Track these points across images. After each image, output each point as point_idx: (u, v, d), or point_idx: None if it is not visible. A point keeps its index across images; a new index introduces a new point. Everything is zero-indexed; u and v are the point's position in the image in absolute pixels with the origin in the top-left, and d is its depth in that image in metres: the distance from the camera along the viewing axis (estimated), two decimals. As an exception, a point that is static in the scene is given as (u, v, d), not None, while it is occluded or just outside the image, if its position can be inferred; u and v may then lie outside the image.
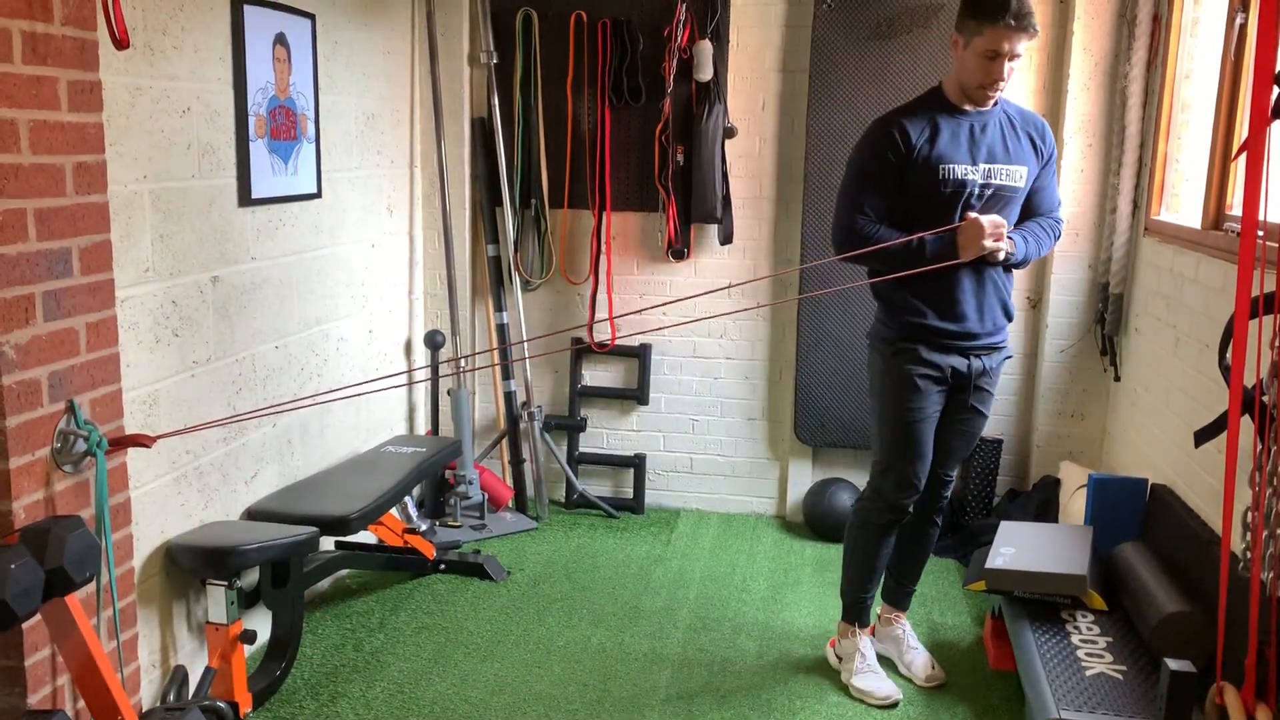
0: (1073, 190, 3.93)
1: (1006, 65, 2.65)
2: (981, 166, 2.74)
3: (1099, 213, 3.91)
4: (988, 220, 2.71)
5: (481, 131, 4.30)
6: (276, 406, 3.14)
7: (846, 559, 3.08)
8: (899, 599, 3.19)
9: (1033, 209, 2.88)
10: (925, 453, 2.88)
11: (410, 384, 4.28)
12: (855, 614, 3.09)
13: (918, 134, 2.73)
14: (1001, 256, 2.74)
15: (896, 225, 2.78)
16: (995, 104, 2.78)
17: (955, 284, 2.76)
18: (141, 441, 2.29)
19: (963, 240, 2.71)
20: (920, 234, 2.72)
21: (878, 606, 3.24)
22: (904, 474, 2.88)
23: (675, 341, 4.38)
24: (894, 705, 2.95)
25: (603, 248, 4.30)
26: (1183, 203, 3.51)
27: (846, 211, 2.81)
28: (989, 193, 2.75)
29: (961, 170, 2.72)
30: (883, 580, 3.17)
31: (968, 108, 2.76)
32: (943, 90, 2.79)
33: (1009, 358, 3.01)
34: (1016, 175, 2.78)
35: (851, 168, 2.84)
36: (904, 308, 2.82)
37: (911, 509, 2.94)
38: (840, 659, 3.13)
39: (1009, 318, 2.90)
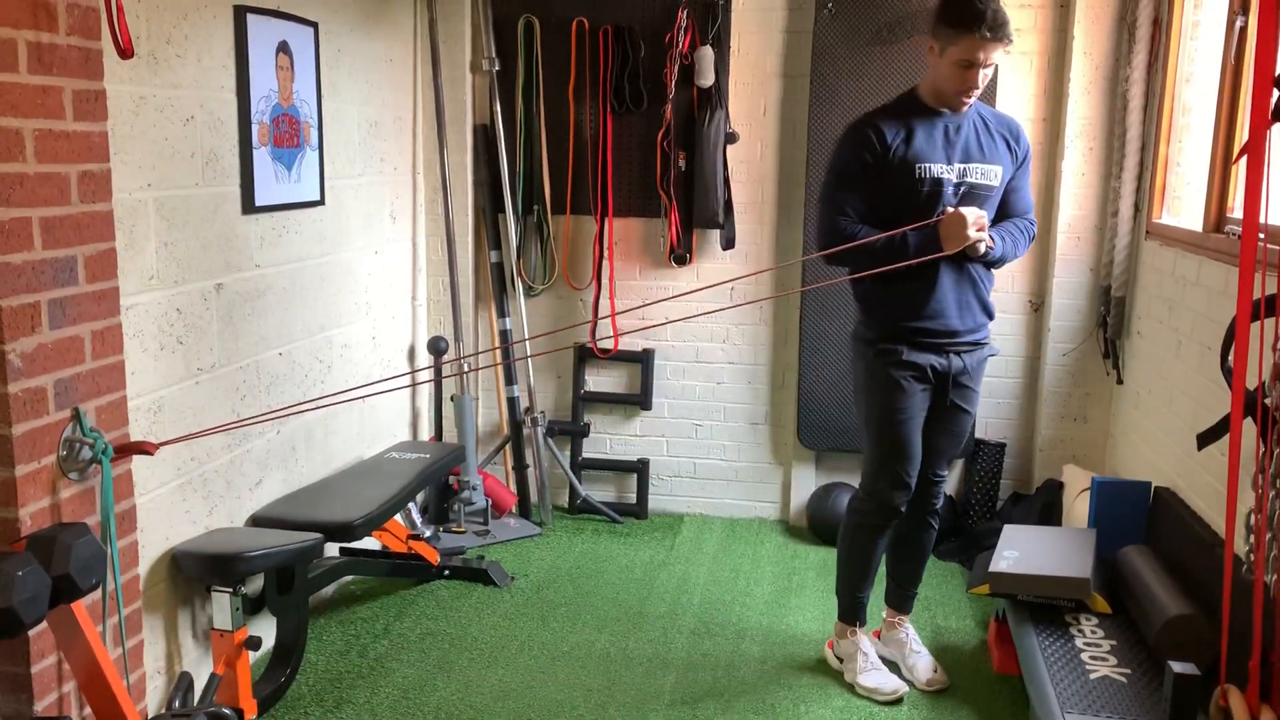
0: (1074, 194, 3.93)
1: (981, 73, 2.68)
2: (957, 165, 2.77)
3: (1100, 216, 3.92)
4: (970, 212, 2.72)
5: (484, 138, 4.31)
6: (278, 411, 3.14)
7: (842, 560, 3.10)
8: (901, 602, 3.20)
9: (1007, 210, 2.90)
10: (914, 452, 2.90)
11: (414, 384, 4.29)
12: (853, 614, 3.11)
13: (893, 135, 2.76)
14: (983, 249, 2.76)
15: (877, 226, 2.79)
16: (969, 107, 2.81)
17: (934, 283, 2.78)
18: (144, 449, 2.30)
19: (945, 232, 2.73)
20: (903, 229, 2.74)
21: (881, 610, 3.25)
22: (895, 473, 2.90)
23: (678, 347, 4.39)
24: (900, 700, 2.96)
25: (605, 253, 4.32)
26: (1184, 206, 3.51)
27: (828, 213, 2.85)
28: (963, 190, 2.79)
29: (938, 169, 2.75)
30: (886, 584, 3.20)
31: (943, 110, 2.80)
32: (918, 93, 2.83)
33: (993, 355, 3.03)
34: (991, 174, 2.81)
35: (831, 171, 2.88)
36: (882, 307, 2.85)
37: (904, 508, 2.95)
38: (841, 659, 3.14)
39: (989, 316, 2.91)
